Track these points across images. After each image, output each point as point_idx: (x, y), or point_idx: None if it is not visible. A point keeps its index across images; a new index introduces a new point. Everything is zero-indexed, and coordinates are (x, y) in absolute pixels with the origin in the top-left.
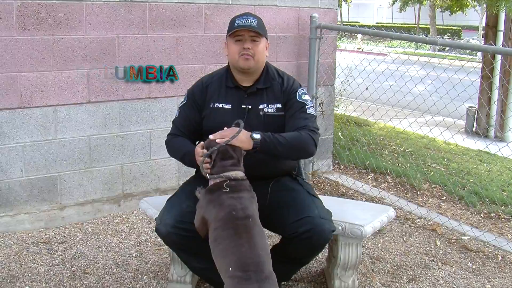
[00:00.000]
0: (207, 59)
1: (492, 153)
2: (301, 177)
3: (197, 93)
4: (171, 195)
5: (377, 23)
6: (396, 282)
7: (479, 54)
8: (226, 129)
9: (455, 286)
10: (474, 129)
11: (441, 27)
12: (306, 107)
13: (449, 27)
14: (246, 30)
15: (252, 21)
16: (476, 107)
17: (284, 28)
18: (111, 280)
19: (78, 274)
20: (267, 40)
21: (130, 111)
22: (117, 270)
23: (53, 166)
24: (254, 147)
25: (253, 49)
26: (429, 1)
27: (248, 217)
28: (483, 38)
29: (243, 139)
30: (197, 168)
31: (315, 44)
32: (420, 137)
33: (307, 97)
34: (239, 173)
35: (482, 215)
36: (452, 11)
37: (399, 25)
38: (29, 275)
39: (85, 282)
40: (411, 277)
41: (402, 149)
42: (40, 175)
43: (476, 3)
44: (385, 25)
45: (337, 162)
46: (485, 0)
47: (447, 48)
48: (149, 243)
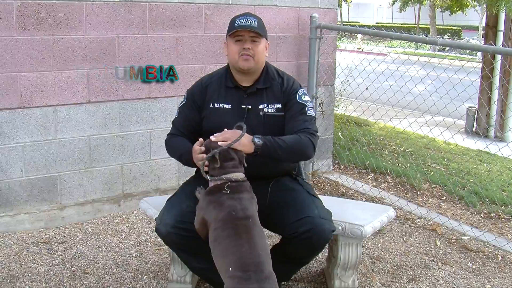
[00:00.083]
0: (207, 59)
1: (492, 153)
2: (301, 177)
3: (197, 93)
4: (171, 195)
5: (377, 23)
6: (396, 282)
7: (479, 54)
8: (227, 131)
9: (455, 286)
10: (474, 129)
11: (441, 27)
12: (306, 108)
13: (449, 27)
14: (246, 31)
15: (252, 22)
16: (476, 107)
17: (284, 28)
18: (111, 280)
19: (78, 274)
20: (267, 40)
21: (130, 111)
22: (117, 270)
23: (53, 166)
24: (255, 151)
25: (253, 50)
26: (429, 1)
27: (248, 217)
28: (483, 38)
29: (245, 143)
30: (195, 167)
31: (315, 44)
32: (420, 137)
33: (307, 98)
34: (239, 175)
35: (482, 215)
36: (452, 11)
37: (399, 25)
38: (29, 275)
39: (85, 282)
40: (411, 277)
41: (402, 149)
42: (40, 175)
43: (476, 3)
44: (385, 25)
45: (337, 162)
46: (485, 0)
47: (447, 48)
48: (149, 243)
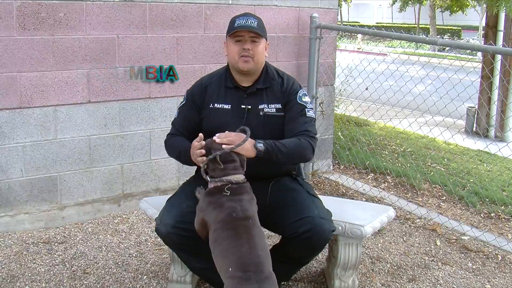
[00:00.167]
0: (207, 59)
1: (492, 153)
2: (301, 177)
3: (197, 93)
4: (171, 195)
5: (377, 23)
6: (396, 282)
7: (479, 54)
8: (231, 133)
9: (455, 286)
10: (474, 129)
11: (441, 27)
12: (306, 109)
13: (449, 27)
14: (246, 31)
15: (252, 22)
16: (476, 107)
17: (284, 28)
18: (111, 280)
19: (78, 274)
20: (266, 40)
21: (130, 111)
22: (117, 270)
23: (53, 166)
24: (256, 155)
25: (252, 50)
26: (429, 1)
27: (248, 218)
28: (483, 38)
29: (248, 148)
30: (193, 165)
31: (315, 44)
32: (420, 137)
33: (307, 99)
34: (240, 177)
35: (482, 215)
36: (452, 11)
37: (399, 25)
38: (29, 275)
39: (85, 282)
40: (411, 277)
41: (402, 149)
42: (40, 175)
43: (476, 3)
44: (385, 25)
45: (337, 162)
46: (485, 0)
47: (447, 48)
48: (149, 243)
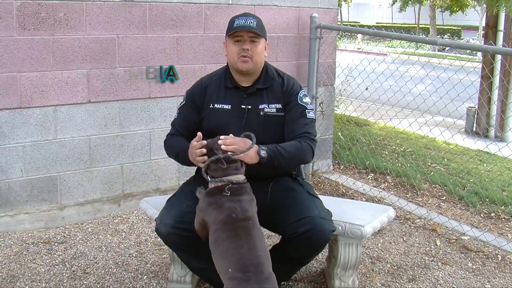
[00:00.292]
0: (207, 59)
1: (492, 153)
2: (301, 177)
3: (196, 94)
4: (171, 195)
5: (377, 23)
6: (396, 282)
7: (479, 54)
8: (237, 138)
9: (455, 286)
10: (474, 129)
11: (441, 27)
12: (306, 111)
13: (449, 27)
14: (245, 31)
15: (251, 22)
16: (476, 107)
17: (284, 28)
18: (111, 280)
19: (78, 274)
20: (266, 40)
21: (130, 111)
22: (117, 270)
23: (53, 166)
24: (259, 162)
25: (252, 50)
26: (429, 1)
27: (247, 219)
28: (483, 38)
29: (252, 155)
30: (191, 165)
31: (315, 44)
32: (420, 137)
33: (307, 99)
34: (240, 177)
35: (482, 215)
36: (452, 11)
37: (399, 25)
38: (29, 275)
39: (85, 282)
40: (411, 277)
41: (402, 149)
42: (40, 175)
43: (476, 3)
44: (385, 25)
45: (337, 162)
46: (485, 0)
47: (447, 48)
48: (149, 243)
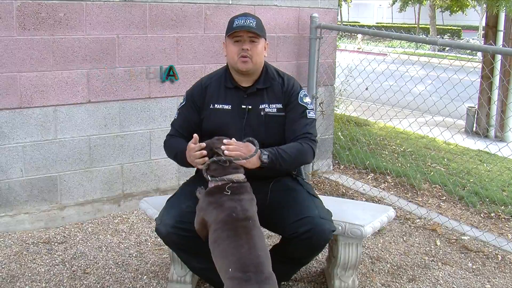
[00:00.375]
0: (207, 59)
1: (492, 153)
2: (301, 177)
3: (196, 94)
4: (171, 195)
5: (377, 23)
6: (396, 282)
7: (479, 54)
8: (240, 143)
9: (455, 286)
10: (474, 129)
11: (441, 27)
12: (307, 111)
13: (449, 27)
14: (245, 31)
15: (251, 22)
16: (476, 107)
17: (284, 28)
18: (111, 280)
19: (78, 274)
20: (265, 40)
21: (130, 111)
22: (117, 270)
23: (53, 166)
24: (260, 166)
25: (251, 50)
26: (429, 1)
27: (248, 218)
28: (483, 38)
29: (254, 161)
30: (189, 166)
31: (315, 44)
32: (420, 137)
33: (307, 99)
34: (240, 176)
35: (482, 215)
36: (452, 11)
37: (399, 25)
38: (29, 275)
39: (85, 282)
40: (411, 277)
41: (402, 149)
42: (40, 175)
43: (476, 3)
44: (385, 25)
45: (337, 162)
46: (485, 0)
47: (447, 48)
48: (149, 243)
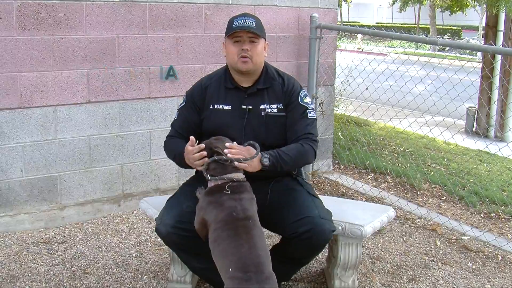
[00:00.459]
0: (207, 59)
1: (492, 153)
2: (301, 177)
3: (196, 95)
4: (171, 195)
5: (377, 23)
6: (396, 282)
7: (479, 54)
8: (242, 147)
9: (455, 286)
10: (474, 129)
11: (441, 27)
12: (307, 111)
13: (449, 27)
14: (245, 31)
15: (250, 22)
16: (476, 107)
17: (284, 28)
18: (111, 280)
19: (78, 274)
20: (265, 40)
21: (130, 111)
22: (117, 270)
23: (53, 166)
24: (261, 170)
25: (251, 51)
26: (429, 1)
27: (248, 218)
28: (483, 38)
29: (255, 165)
30: (187, 168)
31: (315, 44)
32: (420, 137)
33: (308, 99)
34: (240, 175)
35: (482, 215)
36: (452, 11)
37: (399, 25)
38: (29, 275)
39: (85, 282)
40: (411, 277)
41: (402, 149)
42: (40, 175)
43: (476, 3)
44: (385, 25)
45: (337, 162)
46: (485, 0)
47: (447, 48)
48: (149, 243)
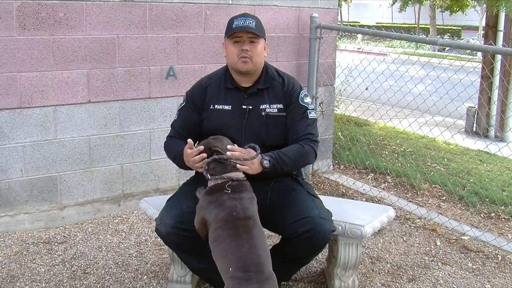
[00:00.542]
0: (207, 59)
1: (492, 153)
2: (301, 177)
3: (196, 95)
4: (171, 195)
5: (377, 23)
6: (396, 282)
7: (479, 54)
8: (242, 149)
9: (455, 286)
10: (474, 129)
11: (441, 27)
12: (308, 111)
13: (449, 27)
14: (244, 32)
15: (250, 22)
16: (476, 107)
17: (284, 28)
18: (111, 280)
19: (78, 274)
20: (265, 40)
21: (130, 111)
22: (117, 270)
23: (53, 166)
24: (262, 172)
25: (251, 51)
26: (429, 1)
27: (248, 217)
28: (483, 38)
29: (256, 167)
30: (187, 169)
31: (315, 44)
32: (420, 137)
33: (308, 99)
34: (240, 174)
35: (482, 215)
36: (452, 11)
37: (399, 25)
38: (29, 275)
39: (85, 282)
40: (411, 277)
41: (402, 149)
42: (40, 175)
43: (476, 3)
44: (385, 25)
45: (337, 162)
46: (485, 0)
47: (447, 48)
48: (149, 243)
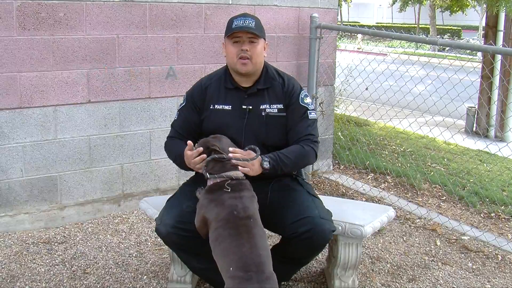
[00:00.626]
0: (207, 59)
1: (492, 153)
2: (301, 177)
3: (196, 95)
4: (171, 195)
5: (377, 23)
6: (396, 282)
7: (479, 54)
8: (242, 151)
9: (455, 286)
10: (474, 129)
11: (441, 27)
12: (308, 111)
13: (449, 27)
14: (244, 32)
15: (250, 22)
16: (476, 107)
17: (284, 28)
18: (111, 280)
19: (78, 274)
20: (265, 40)
21: (130, 111)
22: (117, 270)
23: (53, 166)
24: (262, 173)
25: (251, 51)
26: (429, 1)
27: (249, 217)
28: (483, 38)
29: (256, 169)
30: (187, 170)
31: (315, 44)
32: (420, 137)
33: (308, 99)
34: (239, 173)
35: (482, 215)
36: (452, 11)
37: (399, 25)
38: (29, 275)
39: (85, 282)
40: (411, 277)
41: (402, 149)
42: (40, 175)
43: (476, 3)
44: (385, 25)
45: (337, 162)
46: (485, 0)
47: (447, 48)
48: (149, 243)
